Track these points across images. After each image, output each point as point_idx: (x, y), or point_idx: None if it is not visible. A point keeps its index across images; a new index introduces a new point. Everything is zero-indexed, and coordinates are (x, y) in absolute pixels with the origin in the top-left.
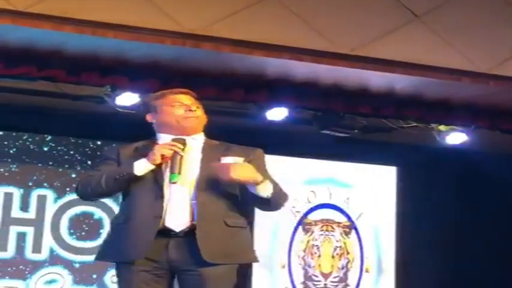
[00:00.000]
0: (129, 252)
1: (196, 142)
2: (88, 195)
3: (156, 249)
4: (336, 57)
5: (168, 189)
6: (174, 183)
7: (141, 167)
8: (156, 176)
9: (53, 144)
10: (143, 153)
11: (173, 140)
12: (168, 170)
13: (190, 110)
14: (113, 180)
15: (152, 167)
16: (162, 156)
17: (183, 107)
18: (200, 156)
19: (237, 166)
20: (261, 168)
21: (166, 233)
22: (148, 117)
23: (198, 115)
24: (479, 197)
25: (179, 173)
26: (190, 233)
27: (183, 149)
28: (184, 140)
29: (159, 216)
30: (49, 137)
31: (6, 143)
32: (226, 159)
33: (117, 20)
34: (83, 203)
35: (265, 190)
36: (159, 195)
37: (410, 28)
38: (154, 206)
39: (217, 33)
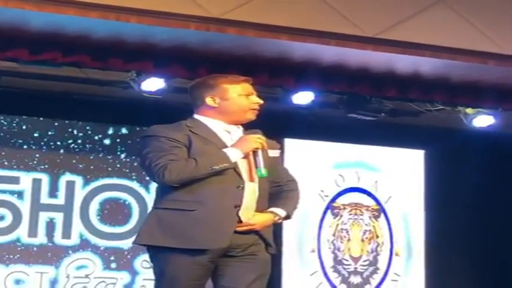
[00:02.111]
0: (205, 240)
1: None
2: (180, 181)
3: None
4: (362, 41)
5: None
6: (264, 176)
7: (235, 157)
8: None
9: (80, 130)
10: (204, 138)
11: (251, 133)
12: (244, 161)
13: (257, 103)
14: (209, 170)
15: (241, 157)
16: (253, 149)
17: (250, 97)
18: None
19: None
20: (281, 165)
21: None
22: (209, 100)
23: (258, 109)
24: (507, 179)
25: (265, 168)
26: None
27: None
28: (261, 133)
29: (238, 206)
30: (75, 123)
31: (32, 129)
32: (273, 153)
33: (140, 5)
34: (111, 189)
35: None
36: (241, 186)
37: (436, 11)
38: (235, 196)
39: (241, 17)
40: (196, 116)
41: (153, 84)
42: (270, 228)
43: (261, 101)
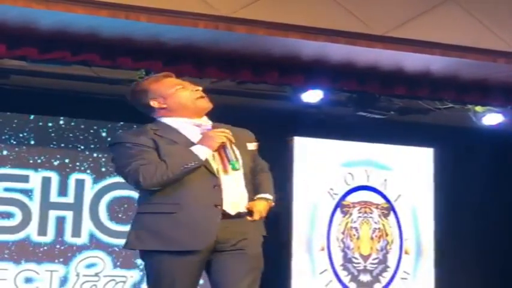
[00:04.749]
0: (189, 241)
1: (208, 125)
2: (153, 185)
3: None
4: (371, 39)
5: (221, 177)
6: (237, 169)
7: (204, 154)
8: (204, 164)
9: (89, 129)
10: (169, 140)
11: (215, 126)
12: (213, 157)
13: (198, 91)
14: (182, 169)
15: (210, 154)
16: (220, 144)
17: (189, 88)
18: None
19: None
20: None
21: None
22: (154, 103)
23: (204, 95)
24: None
25: (237, 160)
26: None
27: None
28: (227, 127)
29: (219, 204)
30: (85, 121)
31: (41, 127)
32: (250, 146)
33: (149, 3)
34: (121, 187)
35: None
36: (217, 184)
37: (445, 9)
38: (212, 195)
39: (250, 15)
40: (158, 118)
41: None
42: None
43: (200, 87)
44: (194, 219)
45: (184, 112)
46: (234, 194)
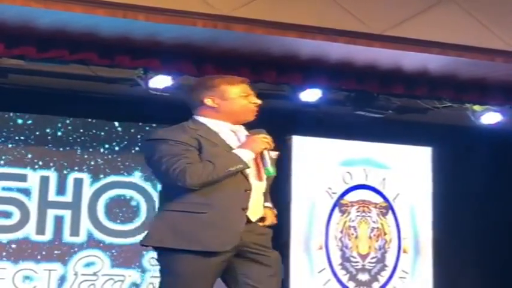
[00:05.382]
0: (216, 242)
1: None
2: (198, 184)
3: None
4: (369, 38)
5: (252, 182)
6: (272, 175)
7: (248, 158)
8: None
9: (88, 128)
10: (211, 142)
11: (256, 132)
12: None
13: (255, 103)
14: (226, 172)
15: (253, 157)
16: (262, 149)
17: (249, 98)
18: None
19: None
20: None
21: None
22: (208, 100)
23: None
24: None
25: (272, 166)
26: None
27: None
28: (265, 133)
29: (246, 208)
30: (83, 120)
31: (40, 126)
32: (274, 154)
33: (148, 2)
34: (119, 186)
35: None
36: (248, 188)
37: (443, 8)
38: (242, 198)
39: (248, 14)
40: (196, 117)
41: (160, 81)
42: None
43: (260, 101)
44: (223, 221)
45: (230, 118)
46: (258, 201)
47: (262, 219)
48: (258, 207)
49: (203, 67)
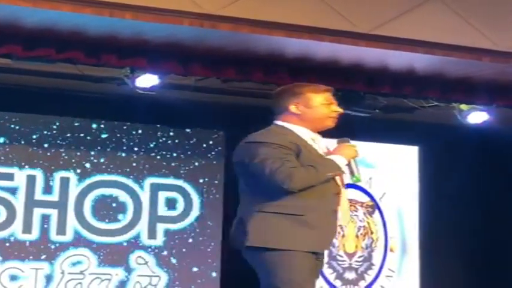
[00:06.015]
0: (317, 242)
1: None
2: (300, 187)
3: None
4: (355, 37)
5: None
6: (360, 181)
7: (342, 164)
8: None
9: (74, 126)
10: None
11: (343, 141)
12: None
13: (335, 112)
14: (325, 177)
15: (346, 164)
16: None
17: (331, 107)
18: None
19: None
20: None
21: None
22: (293, 107)
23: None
24: (501, 175)
25: (359, 173)
26: None
27: None
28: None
29: (336, 210)
30: (69, 119)
31: (26, 125)
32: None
33: (134, 1)
34: (106, 185)
35: None
36: (338, 191)
37: (430, 7)
38: (333, 201)
39: (235, 13)
40: (280, 123)
41: (147, 80)
42: None
43: (341, 110)
44: (320, 222)
45: (311, 125)
46: (346, 205)
47: None
48: (345, 213)
49: (190, 66)
